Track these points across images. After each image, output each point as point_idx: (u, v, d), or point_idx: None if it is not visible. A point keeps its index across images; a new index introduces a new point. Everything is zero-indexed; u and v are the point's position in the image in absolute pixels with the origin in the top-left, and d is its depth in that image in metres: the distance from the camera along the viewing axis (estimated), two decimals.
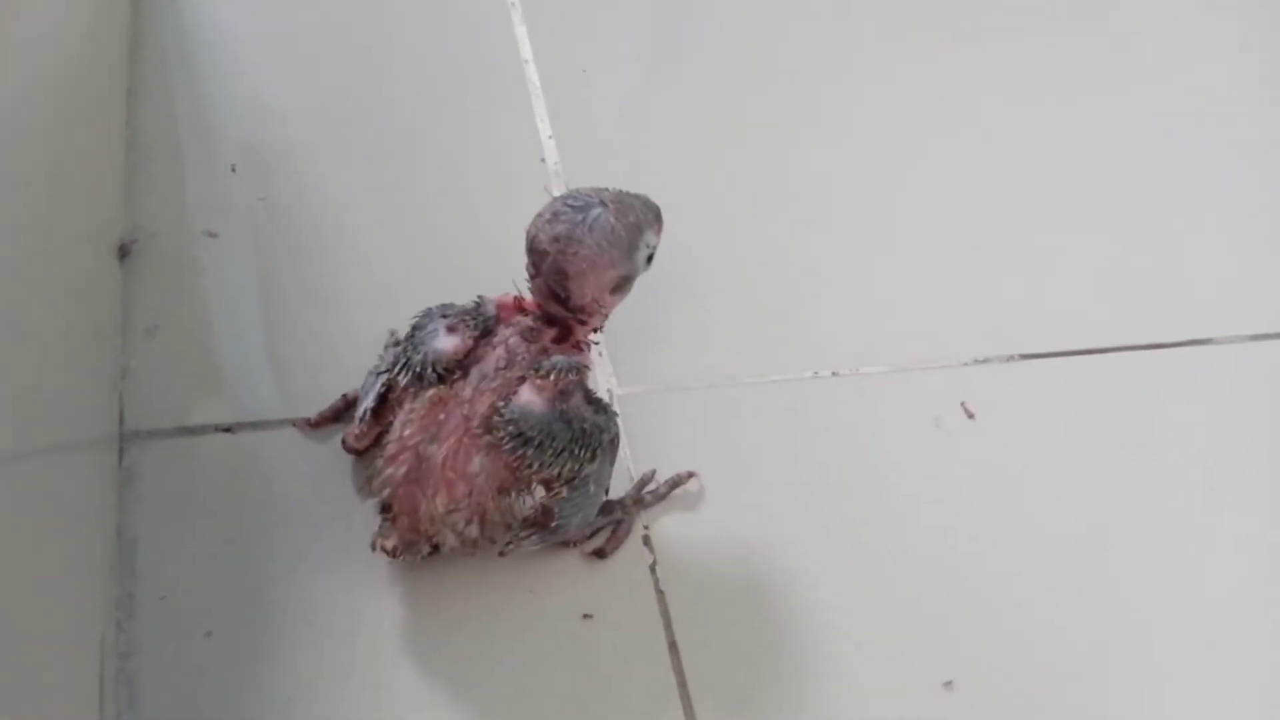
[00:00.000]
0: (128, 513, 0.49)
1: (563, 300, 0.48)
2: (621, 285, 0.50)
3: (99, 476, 0.49)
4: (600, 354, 0.60)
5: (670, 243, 0.65)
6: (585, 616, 0.51)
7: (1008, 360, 0.65)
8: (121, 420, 0.52)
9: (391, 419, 0.48)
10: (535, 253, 0.48)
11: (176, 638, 0.47)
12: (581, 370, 0.49)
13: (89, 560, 0.46)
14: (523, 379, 0.47)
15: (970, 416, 0.62)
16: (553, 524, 0.48)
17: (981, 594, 0.54)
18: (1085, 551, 0.57)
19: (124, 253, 0.57)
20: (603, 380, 0.59)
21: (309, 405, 0.54)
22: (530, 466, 0.46)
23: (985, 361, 0.64)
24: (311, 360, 0.56)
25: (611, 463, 0.50)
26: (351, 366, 0.55)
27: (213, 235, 0.60)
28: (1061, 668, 0.52)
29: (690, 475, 0.55)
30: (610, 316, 0.51)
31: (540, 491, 0.47)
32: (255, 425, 0.54)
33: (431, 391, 0.47)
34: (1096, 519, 0.58)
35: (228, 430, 0.53)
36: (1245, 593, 0.56)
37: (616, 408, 0.58)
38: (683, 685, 0.50)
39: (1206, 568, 0.57)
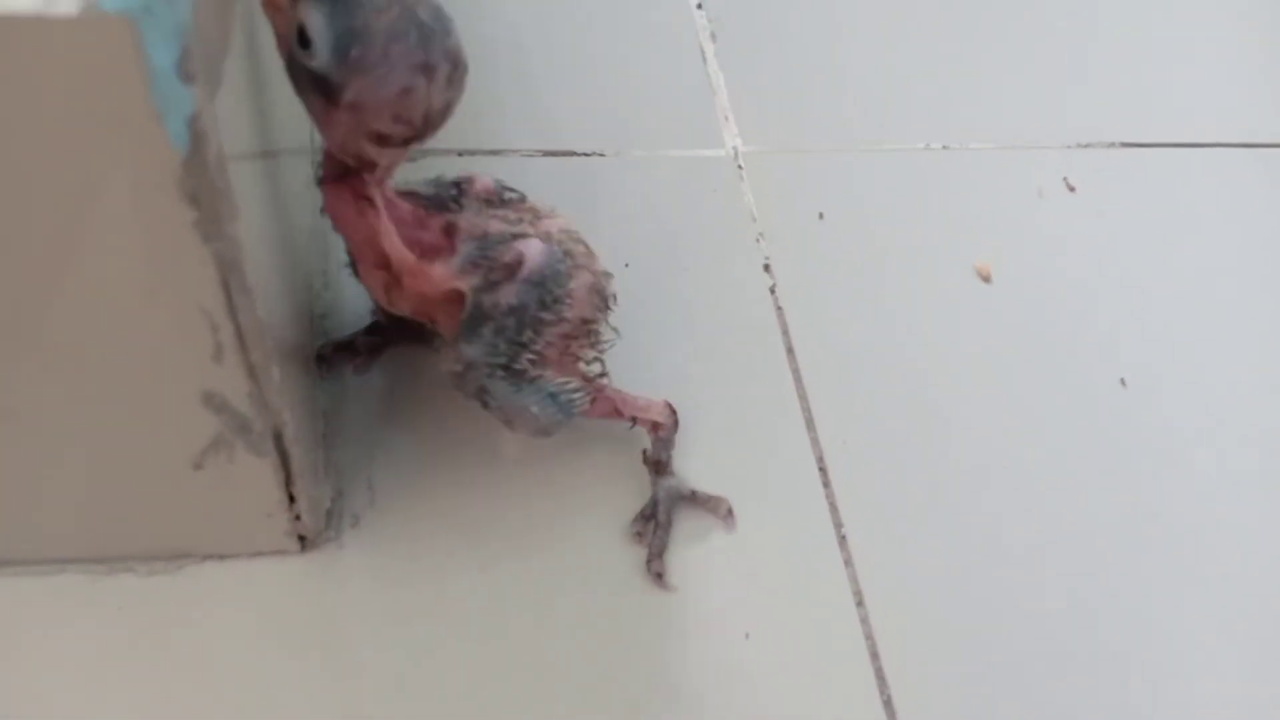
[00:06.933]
0: (319, 209, 0.57)
1: None
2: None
3: (304, 178, 0.56)
4: (727, 117, 0.66)
5: (803, 14, 0.71)
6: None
7: (1109, 146, 0.69)
8: (312, 137, 0.59)
9: None
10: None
11: (361, 305, 0.54)
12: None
13: (302, 237, 0.53)
14: None
15: (1072, 190, 0.66)
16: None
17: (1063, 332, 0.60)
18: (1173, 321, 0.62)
19: None
20: (727, 139, 0.65)
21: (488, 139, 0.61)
22: None
23: (1088, 146, 0.68)
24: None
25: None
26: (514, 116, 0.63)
27: None
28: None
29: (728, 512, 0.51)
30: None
31: None
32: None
33: None
34: (1189, 295, 0.63)
35: None
36: None
37: (740, 162, 0.64)
38: (799, 381, 0.56)
39: None
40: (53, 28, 0.25)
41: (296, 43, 0.35)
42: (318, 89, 0.36)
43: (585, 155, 0.63)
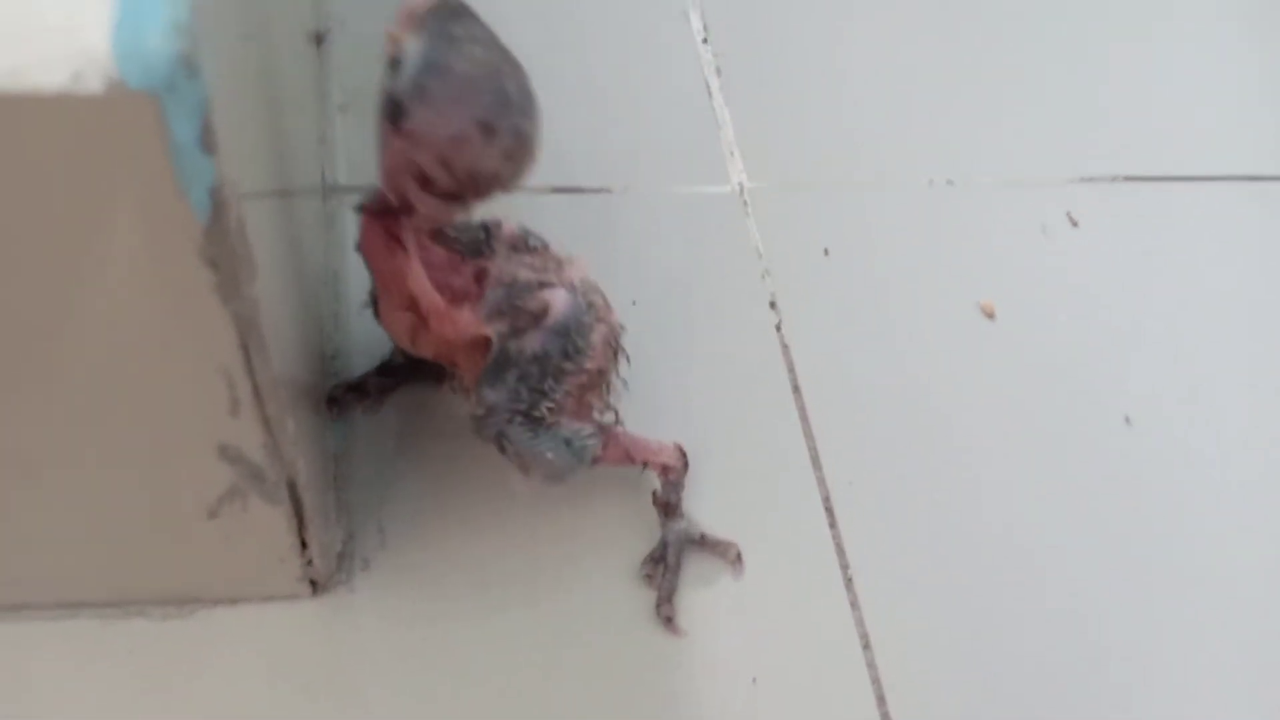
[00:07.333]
0: (330, 248, 0.57)
1: None
2: None
3: (316, 217, 0.57)
4: (732, 153, 0.66)
5: (808, 51, 0.71)
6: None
7: (1113, 180, 0.69)
8: (323, 176, 0.60)
9: None
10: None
11: (371, 345, 0.54)
12: None
13: (314, 278, 0.54)
14: None
15: (1075, 225, 0.66)
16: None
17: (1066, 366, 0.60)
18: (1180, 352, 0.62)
19: (319, 40, 0.65)
20: (733, 174, 0.65)
21: None
22: None
23: (1092, 180, 0.69)
24: None
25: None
26: None
27: None
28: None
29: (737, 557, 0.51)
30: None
31: None
32: None
33: None
34: (1193, 331, 0.63)
35: None
36: None
37: (746, 199, 0.65)
38: (804, 419, 0.56)
39: None
40: (79, 105, 0.25)
41: (390, 65, 0.37)
42: (388, 110, 0.38)
43: (592, 191, 0.63)
